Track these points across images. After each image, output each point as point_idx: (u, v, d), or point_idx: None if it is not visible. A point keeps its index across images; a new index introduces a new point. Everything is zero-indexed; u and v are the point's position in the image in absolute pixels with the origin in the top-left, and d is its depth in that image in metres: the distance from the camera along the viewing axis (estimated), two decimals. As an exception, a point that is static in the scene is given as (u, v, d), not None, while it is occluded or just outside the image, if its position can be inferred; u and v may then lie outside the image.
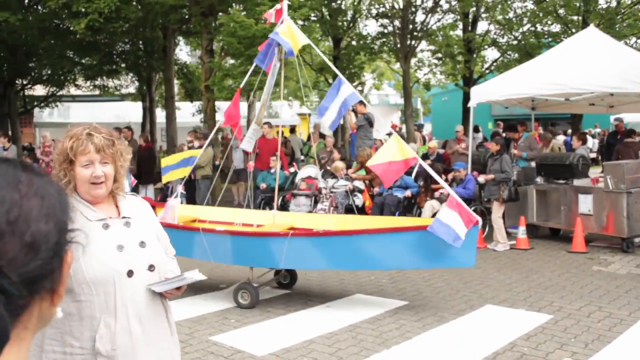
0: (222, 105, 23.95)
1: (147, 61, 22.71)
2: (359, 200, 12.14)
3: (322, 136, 18.35)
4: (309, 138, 21.91)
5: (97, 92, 25.38)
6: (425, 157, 13.77)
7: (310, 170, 13.69)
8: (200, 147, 13.04)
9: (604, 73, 10.64)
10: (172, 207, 8.15)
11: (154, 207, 8.61)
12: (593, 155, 21.08)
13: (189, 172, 9.13)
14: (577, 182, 10.59)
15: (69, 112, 27.64)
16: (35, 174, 0.99)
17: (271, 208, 13.69)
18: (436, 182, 12.31)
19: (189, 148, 13.22)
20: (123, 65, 23.15)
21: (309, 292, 7.77)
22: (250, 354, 5.53)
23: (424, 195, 12.30)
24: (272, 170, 13.95)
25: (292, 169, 14.60)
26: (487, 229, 10.97)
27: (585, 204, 10.14)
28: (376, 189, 12.29)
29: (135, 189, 16.42)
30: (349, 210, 11.98)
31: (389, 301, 7.30)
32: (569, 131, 23.57)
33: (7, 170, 0.95)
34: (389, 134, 22.20)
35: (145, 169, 16.55)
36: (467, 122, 15.51)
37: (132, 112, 27.60)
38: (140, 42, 22.04)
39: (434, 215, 11.10)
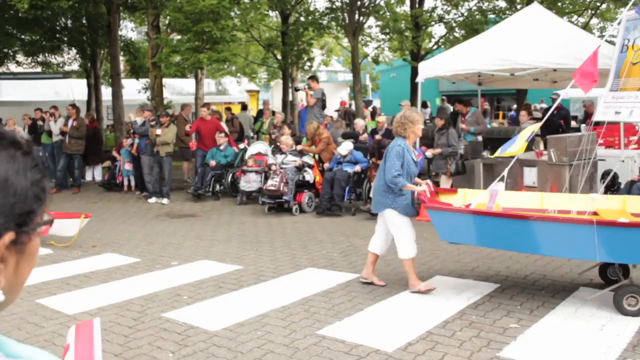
0: (169, 82, 23.66)
1: (91, 37, 22.17)
2: (309, 175, 12.19)
3: (273, 112, 18.31)
4: (259, 114, 21.81)
5: (38, 69, 24.65)
6: (374, 132, 13.88)
7: (260, 146, 13.69)
8: (162, 125, 12.99)
9: (548, 49, 10.86)
10: (497, 194, 6.95)
11: (437, 193, 7.32)
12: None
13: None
14: (522, 156, 10.83)
15: (2, 89, 26.24)
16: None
17: (221, 185, 13.76)
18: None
19: (152, 127, 13.08)
20: (66, 40, 22.55)
21: (261, 267, 7.79)
22: (204, 330, 5.54)
23: (374, 170, 12.41)
24: (222, 147, 13.88)
25: (241, 146, 14.55)
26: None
27: (530, 176, 10.39)
28: (326, 165, 12.35)
29: (82, 170, 16.13)
30: (299, 185, 12.05)
31: (341, 274, 7.39)
32: (514, 106, 24.07)
33: None
34: (337, 111, 22.27)
35: (92, 150, 16.22)
36: (415, 98, 15.67)
37: (76, 90, 26.86)
38: (84, 17, 21.48)
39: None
